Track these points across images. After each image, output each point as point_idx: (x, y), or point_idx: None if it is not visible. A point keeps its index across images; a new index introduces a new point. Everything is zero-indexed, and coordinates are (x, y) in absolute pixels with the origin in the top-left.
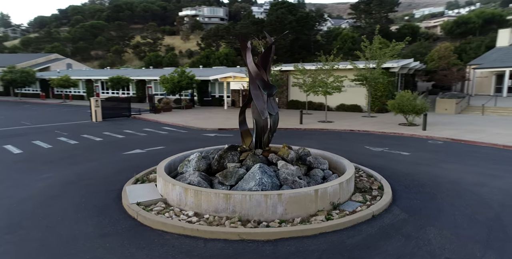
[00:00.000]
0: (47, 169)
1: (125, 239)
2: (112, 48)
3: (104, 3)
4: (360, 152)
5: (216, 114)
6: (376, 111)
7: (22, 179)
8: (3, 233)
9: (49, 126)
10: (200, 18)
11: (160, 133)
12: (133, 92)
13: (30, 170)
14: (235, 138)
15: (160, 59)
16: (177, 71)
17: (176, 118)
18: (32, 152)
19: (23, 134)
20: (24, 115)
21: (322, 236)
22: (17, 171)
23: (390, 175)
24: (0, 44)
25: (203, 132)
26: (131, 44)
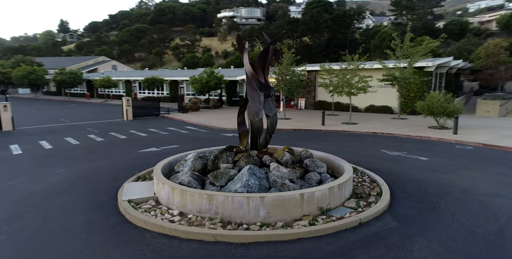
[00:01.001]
0: (66, 164)
1: (108, 235)
2: (154, 50)
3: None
4: (374, 156)
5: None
6: (408, 113)
7: (41, 172)
8: (2, 224)
9: (84, 124)
10: (237, 19)
11: (181, 132)
12: (167, 92)
13: (51, 165)
14: None
15: (196, 60)
16: (206, 72)
17: (200, 118)
18: (60, 148)
19: (60, 131)
20: (67, 113)
21: (299, 241)
22: (40, 165)
23: (396, 181)
24: (59, 48)
25: (222, 132)
26: (170, 46)
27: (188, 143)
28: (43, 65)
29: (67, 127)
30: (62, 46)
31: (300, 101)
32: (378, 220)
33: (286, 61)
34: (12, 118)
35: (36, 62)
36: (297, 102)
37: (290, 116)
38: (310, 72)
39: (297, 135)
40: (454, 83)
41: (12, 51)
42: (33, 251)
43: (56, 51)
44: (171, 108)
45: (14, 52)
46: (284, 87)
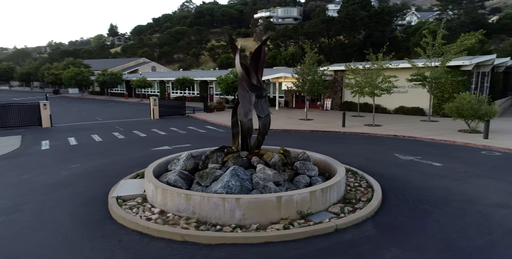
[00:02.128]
0: (82, 159)
1: (87, 230)
2: (191, 51)
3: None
4: (384, 160)
5: None
6: (441, 115)
7: (57, 167)
8: (3, 213)
9: (114, 122)
10: (274, 19)
11: (199, 131)
12: (197, 92)
13: (68, 160)
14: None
15: (231, 61)
16: (232, 72)
17: (223, 117)
18: (83, 144)
19: (90, 128)
20: (103, 112)
21: (266, 245)
22: (60, 160)
23: (395, 187)
24: (107, 50)
25: None
26: (207, 47)
27: (201, 142)
28: (90, 67)
29: (97, 125)
30: (110, 49)
31: (326, 102)
32: (357, 227)
33: (308, 61)
34: (50, 116)
35: (83, 64)
36: (323, 103)
37: (313, 117)
38: (337, 72)
39: (312, 136)
40: (502, 83)
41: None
42: (14, 242)
43: (104, 54)
44: (198, 108)
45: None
46: (305, 88)
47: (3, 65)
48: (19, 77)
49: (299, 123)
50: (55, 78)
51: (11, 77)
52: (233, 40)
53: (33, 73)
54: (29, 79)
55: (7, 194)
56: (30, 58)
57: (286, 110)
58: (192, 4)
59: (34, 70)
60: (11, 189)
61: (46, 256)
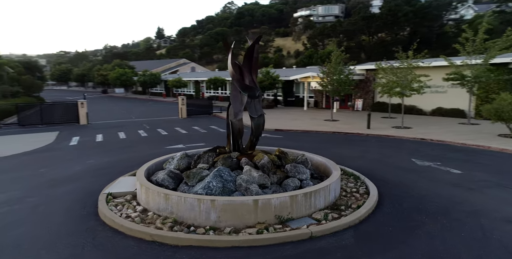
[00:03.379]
0: (99, 156)
1: (72, 225)
2: None
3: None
4: (397, 165)
5: (289, 115)
6: (485, 117)
7: (74, 162)
8: (5, 205)
9: (144, 120)
10: (314, 17)
11: (218, 131)
12: (229, 92)
13: (87, 156)
14: (281, 139)
15: (267, 61)
16: (262, 72)
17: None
18: (107, 141)
19: (120, 126)
20: (138, 110)
21: (231, 250)
22: (80, 155)
23: (396, 195)
24: (152, 52)
25: None
26: (244, 48)
27: (216, 142)
28: (134, 68)
29: (129, 123)
30: (156, 51)
31: (357, 102)
32: (335, 235)
33: (334, 60)
34: (87, 114)
35: (128, 65)
36: (354, 104)
37: (340, 118)
38: (369, 71)
39: (331, 138)
40: None
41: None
42: (3, 231)
43: (150, 55)
44: (224, 107)
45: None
46: (330, 87)
47: (62, 67)
48: (75, 78)
49: (322, 124)
50: (103, 78)
51: (69, 78)
52: (226, 40)
53: (86, 74)
54: (84, 80)
55: (19, 186)
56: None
57: (314, 111)
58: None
59: (87, 71)
60: (25, 182)
61: (20, 248)
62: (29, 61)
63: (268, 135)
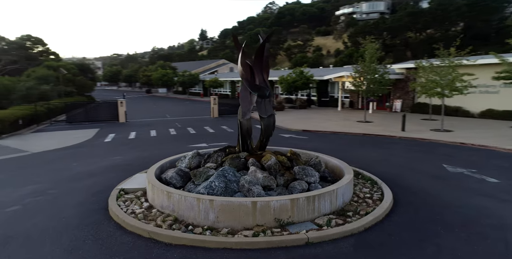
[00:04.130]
0: (126, 152)
1: (81, 218)
2: None
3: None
4: (425, 171)
5: (321, 115)
6: None
7: (102, 158)
8: (31, 195)
9: (177, 119)
10: (357, 15)
11: None
12: None
13: (116, 152)
14: (305, 140)
15: (305, 60)
16: (295, 72)
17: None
18: (138, 139)
19: (154, 124)
20: (174, 109)
21: (221, 251)
22: (110, 151)
23: (414, 203)
24: (194, 53)
25: (284, 132)
26: (283, 47)
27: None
28: (176, 69)
29: (163, 122)
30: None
31: (396, 103)
32: (334, 242)
33: (368, 58)
34: (125, 112)
35: (170, 66)
36: (392, 104)
37: (374, 119)
38: (409, 70)
39: (360, 140)
40: None
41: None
42: (17, 221)
43: (192, 57)
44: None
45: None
46: (363, 87)
47: (113, 69)
48: (124, 78)
49: (353, 126)
50: (147, 79)
51: (119, 79)
52: (236, 38)
53: (133, 75)
54: (131, 80)
55: (46, 179)
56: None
57: (349, 111)
58: (275, 5)
59: (134, 72)
60: (55, 174)
61: (29, 237)
62: (83, 64)
63: (294, 136)
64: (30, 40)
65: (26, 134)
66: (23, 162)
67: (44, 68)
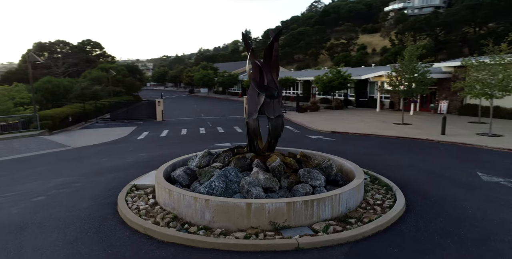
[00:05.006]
0: (152, 149)
1: (91, 211)
2: (309, 51)
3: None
4: (454, 179)
5: (356, 117)
6: None
7: (129, 154)
8: (59, 187)
9: (210, 118)
10: (408, 10)
11: None
12: (300, 92)
13: (144, 149)
14: (331, 142)
15: (348, 59)
16: (331, 71)
17: (309, 118)
18: (169, 136)
19: (188, 123)
20: (210, 109)
21: (209, 252)
22: (139, 148)
23: (429, 212)
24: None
25: (312, 133)
26: (326, 46)
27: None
28: (217, 70)
29: (196, 121)
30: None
31: (441, 104)
32: (325, 250)
33: (407, 56)
34: (162, 111)
35: (212, 67)
36: (437, 106)
37: (414, 121)
38: (458, 68)
39: (391, 143)
40: None
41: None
42: (37, 211)
43: (235, 57)
44: (291, 107)
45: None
46: (400, 88)
47: (160, 70)
48: (170, 79)
49: (388, 128)
50: (190, 79)
51: (165, 79)
52: (246, 37)
53: (178, 76)
54: (176, 80)
55: (75, 172)
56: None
57: (388, 112)
58: (320, 4)
59: (179, 73)
60: (82, 169)
61: (42, 226)
62: (132, 65)
63: (321, 137)
64: (89, 44)
65: (74, 130)
66: (62, 156)
67: (98, 70)
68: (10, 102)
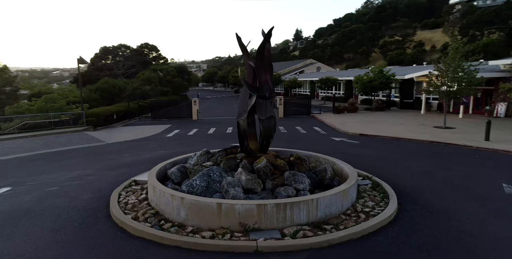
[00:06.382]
0: (173, 147)
1: (90, 202)
2: (360, 49)
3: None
4: (471, 189)
5: (394, 119)
6: None
7: (149, 151)
8: (75, 179)
9: None
10: (479, 1)
11: (298, 132)
12: (342, 92)
13: (166, 146)
14: (354, 145)
15: (402, 57)
16: (372, 71)
17: (341, 119)
18: (196, 135)
19: (219, 122)
20: None
21: (170, 249)
22: (162, 145)
23: (420, 225)
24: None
25: (337, 135)
26: (379, 44)
27: (282, 143)
28: None
29: (229, 120)
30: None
31: (499, 106)
32: (285, 255)
33: (452, 54)
34: (198, 111)
35: None
36: (493, 108)
37: (460, 125)
38: None
39: (418, 149)
40: None
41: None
42: (48, 200)
43: (283, 57)
44: (326, 107)
45: None
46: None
47: (210, 70)
48: (218, 79)
49: (424, 132)
50: (235, 79)
51: (214, 80)
52: (240, 38)
53: (226, 76)
54: (224, 81)
55: (94, 166)
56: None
57: (434, 115)
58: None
59: (227, 73)
60: (102, 163)
61: (41, 214)
62: (182, 66)
63: (345, 140)
64: (147, 47)
65: (117, 127)
66: (92, 151)
67: (150, 71)
68: (64, 101)
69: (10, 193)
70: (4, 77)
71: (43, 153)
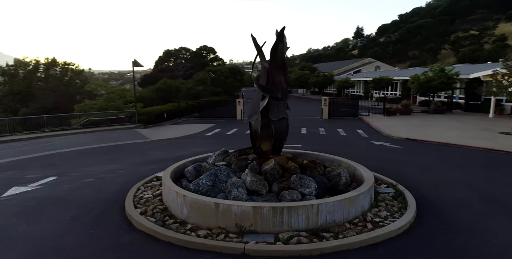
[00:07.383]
0: (205, 145)
1: (111, 194)
2: (427, 46)
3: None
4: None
5: (453, 123)
6: None
7: (183, 149)
8: (106, 173)
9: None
10: None
11: (338, 134)
12: (399, 93)
13: (199, 144)
14: (394, 150)
15: (477, 54)
16: (432, 69)
17: (391, 122)
18: (233, 135)
19: None
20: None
21: (165, 244)
22: (196, 144)
23: (431, 241)
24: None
25: (380, 139)
26: (450, 40)
27: (316, 145)
28: (316, 70)
29: None
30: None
31: None
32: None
33: None
34: (242, 111)
35: (311, 67)
36: None
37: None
38: None
39: (470, 156)
40: None
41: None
42: (78, 190)
43: (340, 56)
44: (377, 109)
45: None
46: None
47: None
48: None
49: (485, 138)
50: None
51: None
52: (255, 39)
53: None
54: None
55: (129, 161)
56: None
57: (505, 119)
58: None
59: None
60: (136, 159)
61: (60, 202)
62: (234, 67)
63: (386, 144)
64: (205, 50)
65: (165, 125)
66: (134, 147)
67: (206, 73)
68: (121, 100)
69: (54, 182)
70: (82, 79)
71: (94, 147)
